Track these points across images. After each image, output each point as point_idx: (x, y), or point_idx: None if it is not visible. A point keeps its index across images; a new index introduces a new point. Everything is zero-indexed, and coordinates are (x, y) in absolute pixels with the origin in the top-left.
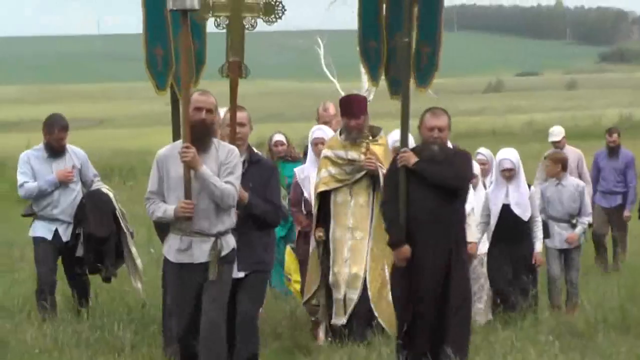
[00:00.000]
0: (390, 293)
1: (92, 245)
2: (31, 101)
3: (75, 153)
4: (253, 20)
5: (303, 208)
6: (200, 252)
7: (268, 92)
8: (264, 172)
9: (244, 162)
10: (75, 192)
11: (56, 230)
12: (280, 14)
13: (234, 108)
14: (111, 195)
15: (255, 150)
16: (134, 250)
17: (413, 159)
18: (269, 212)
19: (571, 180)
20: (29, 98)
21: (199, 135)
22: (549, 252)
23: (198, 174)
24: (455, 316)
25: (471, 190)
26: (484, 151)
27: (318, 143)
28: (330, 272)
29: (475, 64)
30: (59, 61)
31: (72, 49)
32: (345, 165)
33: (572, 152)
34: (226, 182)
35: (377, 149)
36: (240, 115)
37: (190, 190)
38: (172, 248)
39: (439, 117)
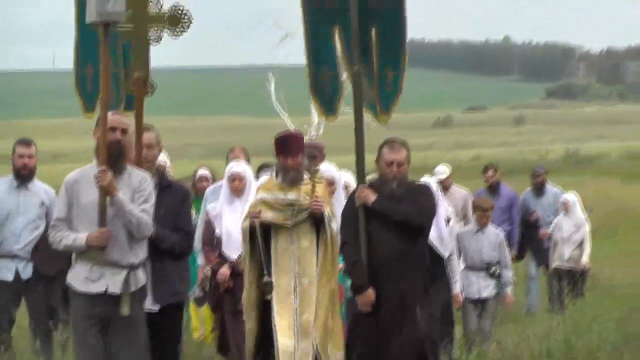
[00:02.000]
0: (334, 347)
1: (43, 284)
2: None
3: (45, 191)
4: (158, 33)
5: (215, 248)
6: (112, 283)
7: (223, 127)
8: (175, 197)
9: (154, 187)
10: (40, 230)
11: (16, 269)
12: (186, 25)
13: (139, 128)
14: None
15: (166, 175)
16: None
17: (372, 197)
18: (177, 243)
19: (491, 229)
20: None
21: (114, 157)
22: (466, 303)
23: (114, 200)
24: None
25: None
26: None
27: (235, 179)
28: (274, 323)
29: (424, 99)
30: (13, 97)
31: (26, 85)
32: (286, 209)
33: (457, 192)
34: (141, 211)
35: (318, 188)
36: (148, 136)
37: (105, 218)
38: (80, 277)
39: (398, 151)
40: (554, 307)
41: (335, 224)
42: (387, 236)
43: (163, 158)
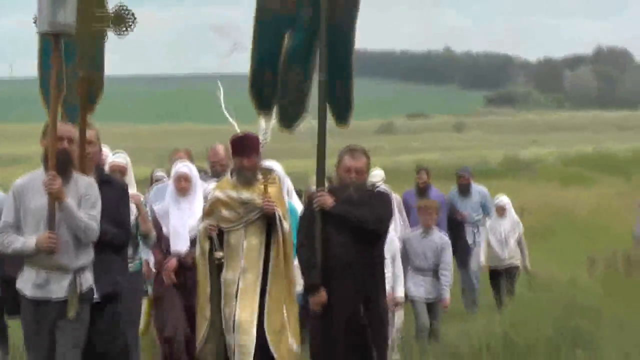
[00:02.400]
0: (289, 339)
1: (8, 285)
2: None
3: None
4: (103, 32)
5: (162, 245)
6: (59, 287)
7: (174, 132)
8: (114, 192)
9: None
10: None
11: None
12: (130, 24)
13: (83, 126)
14: None
15: (105, 171)
16: None
17: (330, 201)
18: (117, 234)
19: (436, 232)
20: None
21: (63, 165)
22: (416, 303)
23: (63, 205)
24: None
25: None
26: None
27: (182, 179)
28: (222, 314)
29: (368, 107)
30: None
31: None
32: (239, 207)
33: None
34: (89, 217)
35: (271, 189)
36: (89, 134)
37: (54, 222)
38: (28, 283)
39: (358, 159)
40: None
41: (287, 224)
42: (343, 240)
43: (121, 158)
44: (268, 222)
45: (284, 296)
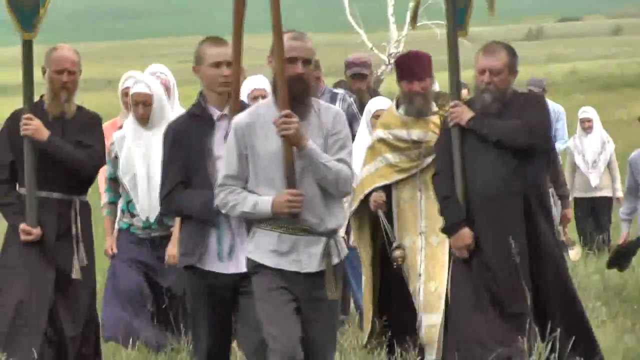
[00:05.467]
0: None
1: None
2: None
3: None
4: None
5: None
6: (309, 257)
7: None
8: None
9: None
10: None
11: None
12: None
13: (237, 41)
14: None
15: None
16: None
17: (467, 114)
18: None
19: None
20: None
21: (298, 95)
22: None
23: (304, 152)
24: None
25: None
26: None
27: (258, 96)
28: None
29: (513, 11)
30: None
31: None
32: (410, 149)
33: None
34: (338, 160)
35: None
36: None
37: (294, 176)
38: (266, 248)
39: (493, 54)
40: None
41: None
42: (489, 163)
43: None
44: None
45: None
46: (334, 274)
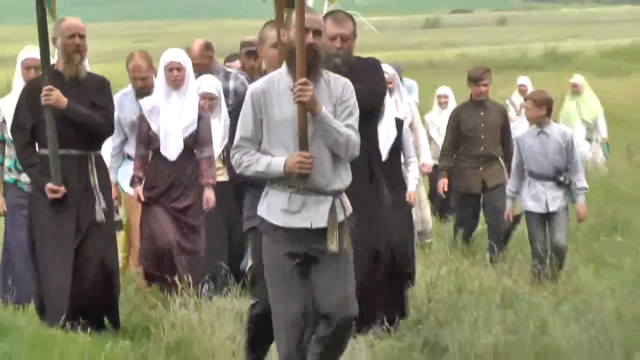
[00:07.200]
0: None
1: None
2: None
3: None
4: None
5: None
6: (317, 214)
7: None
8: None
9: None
10: None
11: None
12: None
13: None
14: None
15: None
16: None
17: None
18: None
19: (556, 128)
20: None
21: (311, 64)
22: (531, 217)
23: (317, 117)
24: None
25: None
26: (386, 68)
27: (173, 68)
28: None
29: (414, 3)
30: None
31: None
32: None
33: None
34: (347, 126)
35: None
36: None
37: (307, 139)
38: (276, 208)
39: (342, 23)
40: None
41: None
42: None
43: None
44: None
45: None
46: (338, 228)
